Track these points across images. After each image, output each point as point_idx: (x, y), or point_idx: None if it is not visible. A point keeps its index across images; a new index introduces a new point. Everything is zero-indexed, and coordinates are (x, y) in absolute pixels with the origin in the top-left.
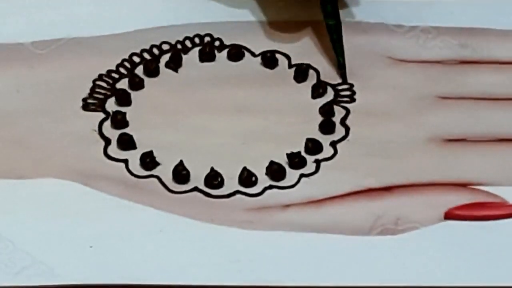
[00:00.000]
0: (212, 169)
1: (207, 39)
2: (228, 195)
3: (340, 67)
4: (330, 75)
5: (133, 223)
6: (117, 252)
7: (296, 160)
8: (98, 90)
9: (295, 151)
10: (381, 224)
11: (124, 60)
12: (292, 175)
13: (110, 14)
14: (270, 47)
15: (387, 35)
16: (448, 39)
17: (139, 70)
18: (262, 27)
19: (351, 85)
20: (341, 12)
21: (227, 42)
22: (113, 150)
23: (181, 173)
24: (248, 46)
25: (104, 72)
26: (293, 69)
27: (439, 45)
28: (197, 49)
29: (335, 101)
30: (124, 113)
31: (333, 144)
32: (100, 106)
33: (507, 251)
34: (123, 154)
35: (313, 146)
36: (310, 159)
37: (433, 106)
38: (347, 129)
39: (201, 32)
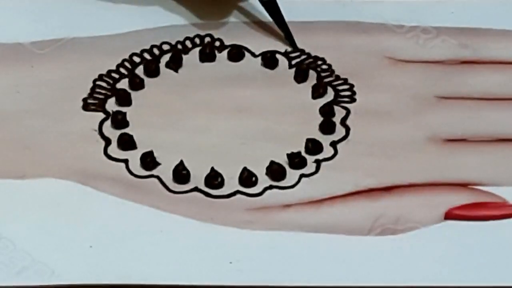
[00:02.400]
0: (212, 169)
1: (207, 39)
2: (228, 195)
3: (287, 37)
4: (331, 74)
5: (133, 223)
6: (117, 252)
7: (296, 160)
8: (98, 90)
9: (295, 151)
10: (381, 224)
11: (124, 60)
12: (292, 175)
13: (110, 14)
14: (270, 47)
15: (387, 35)
16: (448, 39)
17: (140, 70)
18: (262, 27)
19: (352, 85)
20: (341, 12)
21: (227, 42)
22: (113, 150)
23: (181, 173)
24: (248, 47)
25: (104, 72)
26: (293, 70)
27: (439, 45)
28: (197, 49)
29: (335, 101)
30: (125, 113)
31: (333, 144)
32: (100, 106)
33: (507, 251)
34: (123, 154)
35: (313, 146)
36: (310, 159)
37: (433, 106)
38: (347, 129)
39: (201, 33)
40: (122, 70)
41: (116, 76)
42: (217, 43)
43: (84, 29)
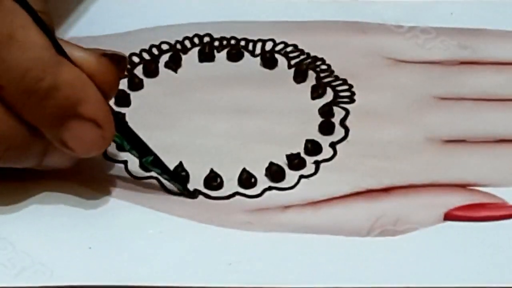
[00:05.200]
0: (211, 170)
1: (206, 39)
2: (228, 197)
3: (185, 191)
4: (330, 74)
5: (132, 224)
6: (116, 253)
7: (295, 161)
8: None
9: (294, 152)
10: (380, 225)
11: None
12: (291, 176)
13: (109, 14)
14: (270, 47)
15: (386, 35)
16: (448, 39)
17: (138, 70)
18: (261, 27)
19: (351, 86)
20: (340, 12)
21: (226, 42)
22: (113, 151)
23: (180, 175)
24: (248, 46)
25: None
26: (292, 70)
27: (438, 46)
28: (196, 49)
29: (335, 101)
30: (123, 114)
31: (333, 145)
32: None
33: (507, 252)
34: (122, 155)
35: (312, 147)
36: (309, 160)
37: (432, 107)
38: (347, 130)
39: (201, 32)
40: None
41: None
42: (216, 43)
43: (83, 29)
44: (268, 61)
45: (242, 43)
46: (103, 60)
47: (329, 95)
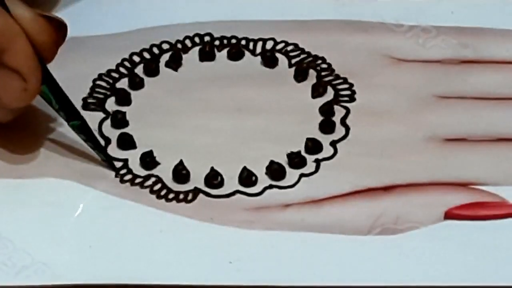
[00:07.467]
0: (212, 168)
1: (207, 38)
2: (228, 195)
3: (106, 160)
4: (331, 73)
5: (132, 223)
6: (117, 252)
7: (296, 160)
8: (98, 89)
9: (295, 150)
10: (381, 224)
11: (124, 59)
12: (292, 174)
13: (109, 14)
14: (271, 46)
15: (387, 34)
16: (448, 38)
17: (139, 70)
18: (262, 26)
19: (351, 85)
20: (341, 11)
21: (227, 41)
22: (113, 149)
23: (181, 173)
24: (249, 45)
25: (104, 71)
26: (293, 69)
27: (439, 45)
28: (197, 48)
29: (335, 100)
30: (124, 113)
31: (333, 143)
32: (100, 105)
33: (507, 251)
34: (123, 154)
35: (313, 146)
36: (310, 158)
37: (433, 105)
38: (347, 129)
39: (201, 31)
40: (122, 69)
41: (116, 75)
42: (217, 42)
43: (84, 29)
44: (269, 60)
45: (243, 42)
46: (40, 19)
47: (329, 94)
